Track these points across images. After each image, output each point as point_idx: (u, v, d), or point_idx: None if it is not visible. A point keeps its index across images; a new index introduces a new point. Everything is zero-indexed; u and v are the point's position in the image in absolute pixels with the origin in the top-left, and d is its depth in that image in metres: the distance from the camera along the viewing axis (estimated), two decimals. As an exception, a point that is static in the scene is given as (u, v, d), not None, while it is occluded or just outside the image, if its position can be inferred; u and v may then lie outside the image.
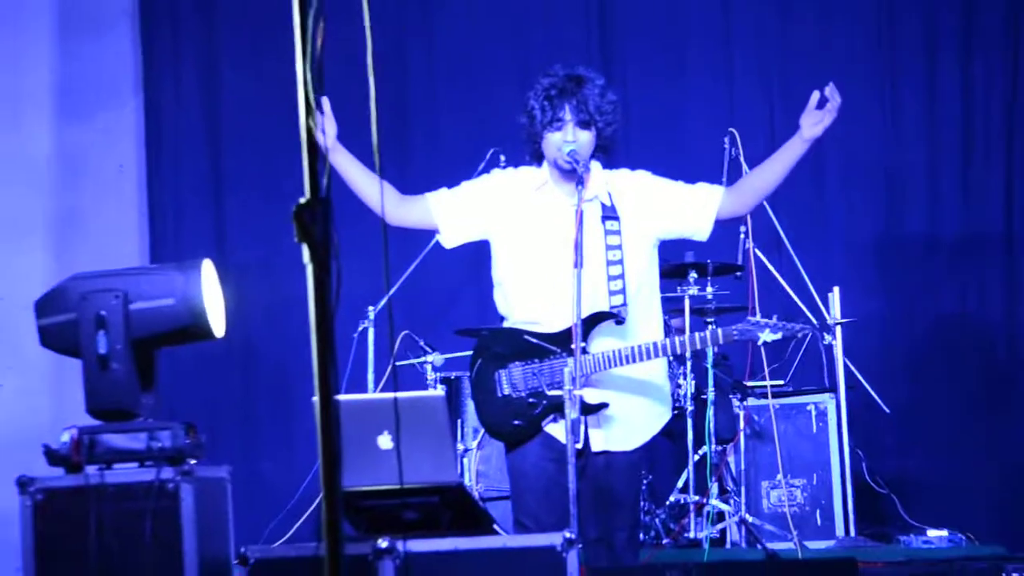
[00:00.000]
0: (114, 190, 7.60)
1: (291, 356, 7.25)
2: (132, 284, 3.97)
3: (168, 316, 3.96)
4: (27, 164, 7.41)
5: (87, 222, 7.48)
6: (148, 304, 3.95)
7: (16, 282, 7.03)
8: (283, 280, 7.21)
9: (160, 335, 3.98)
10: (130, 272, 4.11)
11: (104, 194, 7.57)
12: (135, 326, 3.93)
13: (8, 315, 7.00)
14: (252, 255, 7.48)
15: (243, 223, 7.63)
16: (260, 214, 7.52)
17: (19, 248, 7.31)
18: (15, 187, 7.36)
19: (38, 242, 7.38)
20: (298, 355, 7.07)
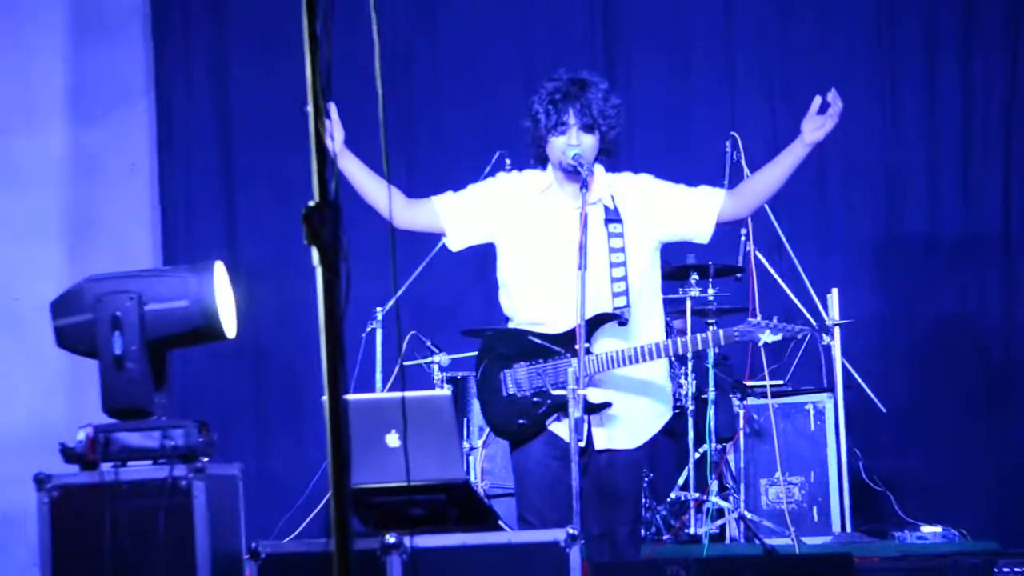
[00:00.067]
0: (126, 189, 7.60)
1: (301, 356, 7.25)
2: (146, 286, 3.98)
3: (181, 317, 3.97)
4: (41, 164, 7.41)
5: (100, 221, 7.47)
6: (162, 306, 3.96)
7: (31, 282, 7.03)
8: (293, 282, 7.20)
9: (174, 336, 3.99)
10: (144, 274, 4.12)
11: (117, 193, 7.57)
12: (149, 327, 3.94)
13: (24, 315, 7.00)
14: (263, 253, 7.48)
15: (254, 221, 7.63)
16: (271, 212, 7.52)
17: (33, 247, 7.30)
18: (29, 187, 7.35)
19: (52, 241, 7.37)
20: (308, 355, 7.09)
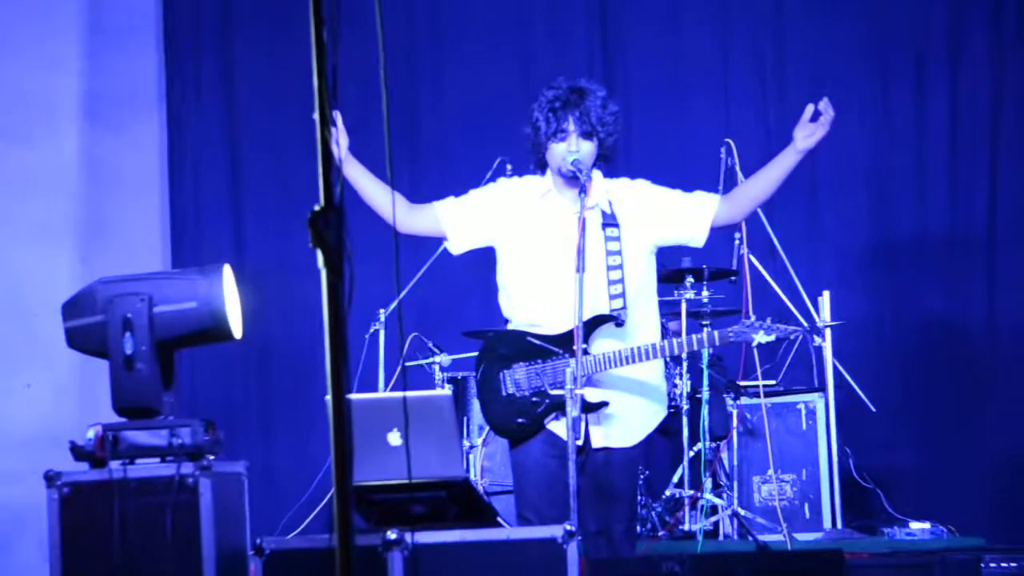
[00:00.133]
0: (138, 198, 7.60)
1: (305, 357, 7.24)
2: (156, 288, 3.99)
3: (190, 318, 3.98)
4: (56, 172, 7.41)
5: (112, 228, 7.48)
6: (171, 307, 3.96)
7: (44, 285, 7.03)
8: (298, 285, 7.21)
9: (182, 337, 3.99)
10: (154, 276, 4.13)
11: (128, 201, 7.57)
12: (159, 328, 3.95)
13: (36, 317, 7.00)
14: (269, 260, 7.48)
15: (260, 225, 7.62)
16: (277, 216, 7.52)
17: (46, 251, 7.31)
18: (44, 194, 7.36)
19: (65, 247, 7.37)
20: (312, 356, 7.09)
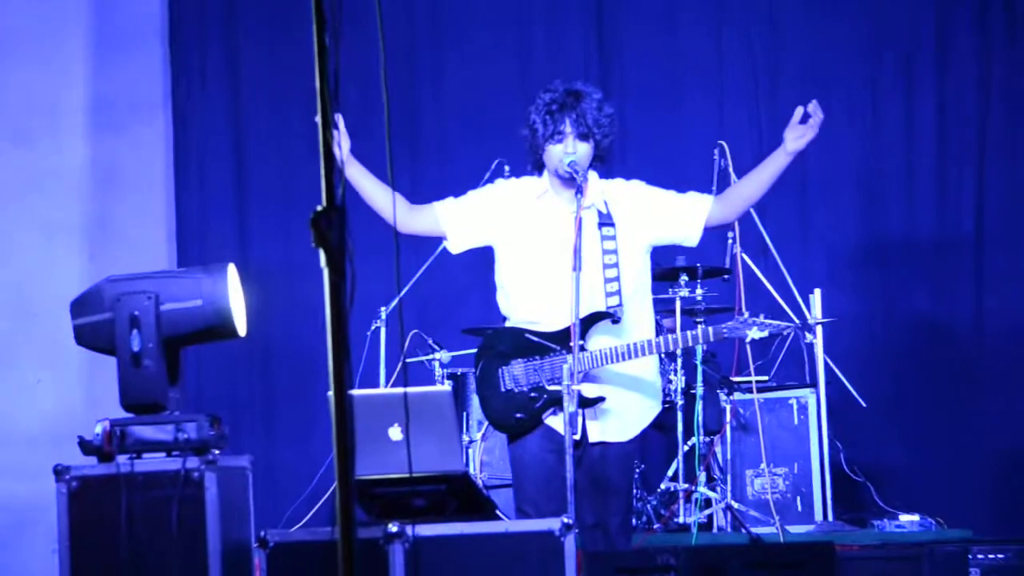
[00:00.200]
0: (144, 199, 7.60)
1: (308, 354, 7.23)
2: (163, 286, 3.99)
3: (196, 316, 3.98)
4: (64, 174, 7.41)
5: (119, 228, 7.47)
6: (178, 305, 3.96)
7: (52, 284, 7.03)
8: (301, 283, 7.20)
9: (188, 334, 4.00)
10: (161, 275, 4.13)
11: (135, 202, 7.56)
12: (165, 326, 3.95)
13: (45, 315, 7.00)
14: (272, 259, 7.48)
15: (264, 225, 7.61)
16: (280, 217, 7.52)
17: (54, 251, 7.31)
18: (52, 195, 7.36)
19: (73, 247, 7.37)
20: (315, 353, 7.04)
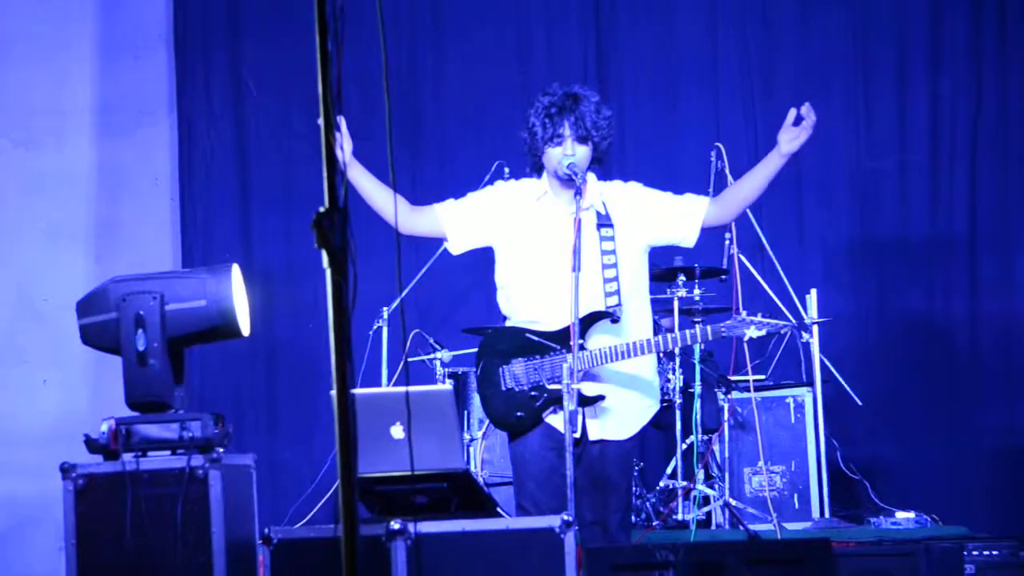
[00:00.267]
0: (149, 201, 7.60)
1: (311, 353, 7.23)
2: (167, 286, 3.98)
3: (200, 316, 3.98)
4: (70, 177, 7.41)
5: (124, 230, 7.48)
6: (182, 305, 3.96)
7: (59, 285, 7.03)
8: (304, 284, 7.22)
9: (193, 334, 3.99)
10: (165, 275, 4.12)
11: (140, 205, 7.57)
12: (170, 325, 3.94)
13: (52, 315, 7.01)
14: (276, 260, 7.48)
15: (267, 231, 7.61)
16: (283, 222, 7.52)
17: (62, 254, 7.31)
18: (59, 198, 7.36)
19: (79, 248, 7.38)
20: (317, 352, 7.08)
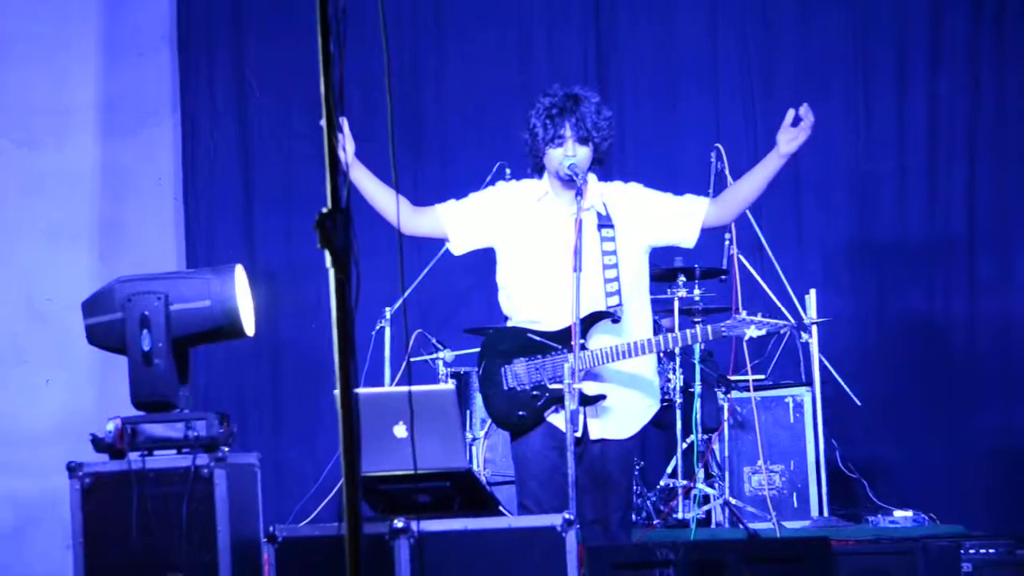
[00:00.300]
0: (153, 201, 7.60)
1: (314, 353, 7.24)
2: (172, 287, 3.99)
3: (205, 316, 3.99)
4: (74, 177, 7.42)
5: (128, 230, 7.48)
6: (187, 305, 3.97)
7: (64, 285, 7.04)
8: (307, 284, 7.22)
9: (197, 334, 4.00)
10: (170, 276, 4.13)
11: (144, 204, 7.57)
12: (175, 325, 3.95)
13: (57, 315, 7.01)
14: (279, 260, 7.48)
15: (271, 231, 7.62)
16: (286, 223, 7.52)
17: (65, 253, 7.32)
18: (63, 198, 7.37)
19: (83, 248, 7.38)
20: (321, 352, 7.09)
